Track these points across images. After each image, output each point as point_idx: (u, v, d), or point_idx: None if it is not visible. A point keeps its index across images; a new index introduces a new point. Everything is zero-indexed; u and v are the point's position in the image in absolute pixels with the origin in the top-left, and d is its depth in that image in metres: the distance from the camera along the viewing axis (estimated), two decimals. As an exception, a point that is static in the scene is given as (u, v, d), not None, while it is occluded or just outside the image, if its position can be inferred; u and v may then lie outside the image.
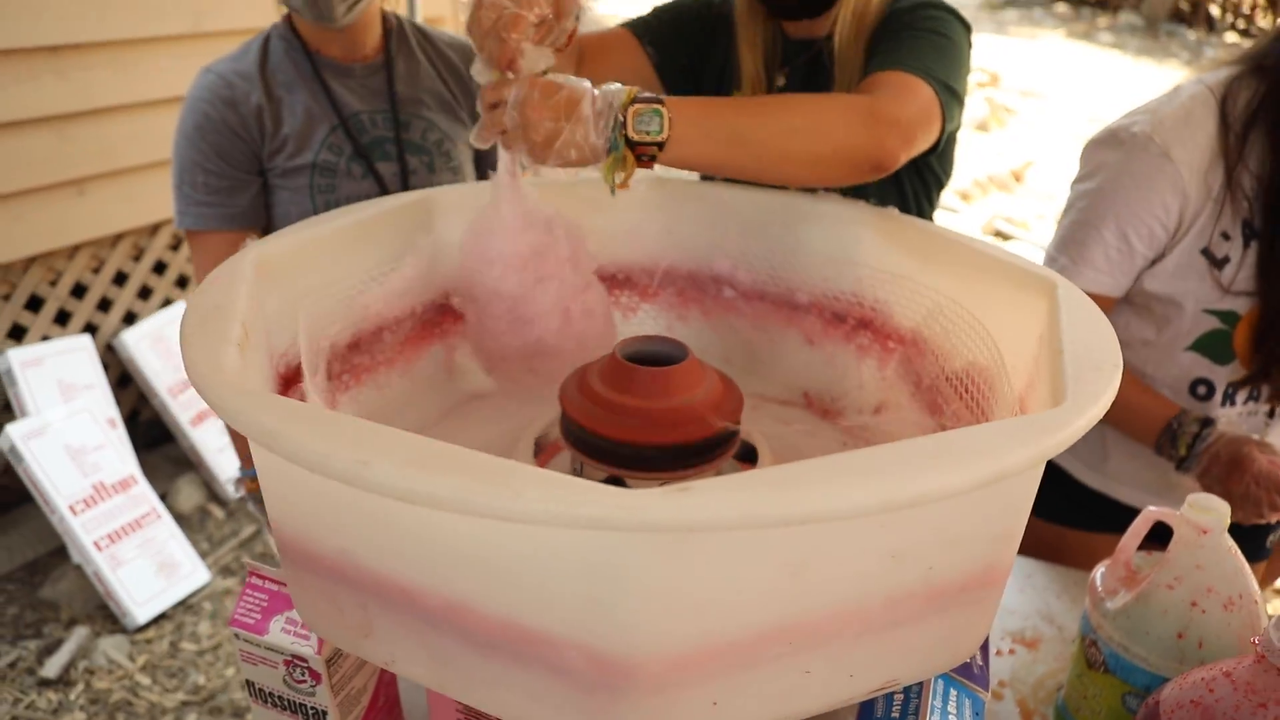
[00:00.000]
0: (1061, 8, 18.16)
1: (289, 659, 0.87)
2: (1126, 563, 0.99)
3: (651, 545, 0.47)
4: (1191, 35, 14.36)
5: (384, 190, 1.42)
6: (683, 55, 1.32)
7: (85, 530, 2.53)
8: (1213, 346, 1.25)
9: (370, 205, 0.98)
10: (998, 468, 0.48)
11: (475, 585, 0.53)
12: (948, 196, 5.77)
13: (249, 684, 0.92)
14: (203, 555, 2.77)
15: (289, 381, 0.88)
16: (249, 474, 1.47)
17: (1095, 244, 1.23)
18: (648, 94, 0.86)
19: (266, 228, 1.41)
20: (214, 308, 0.69)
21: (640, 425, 0.77)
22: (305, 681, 0.89)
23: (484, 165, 1.57)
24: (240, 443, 1.47)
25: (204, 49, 3.07)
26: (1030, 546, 1.36)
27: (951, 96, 1.09)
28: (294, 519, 0.61)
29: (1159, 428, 1.24)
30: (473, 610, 0.54)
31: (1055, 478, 1.43)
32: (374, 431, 0.49)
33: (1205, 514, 0.91)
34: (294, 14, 1.40)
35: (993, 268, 0.90)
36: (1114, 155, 1.22)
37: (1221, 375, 1.26)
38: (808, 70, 1.29)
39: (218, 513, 3.02)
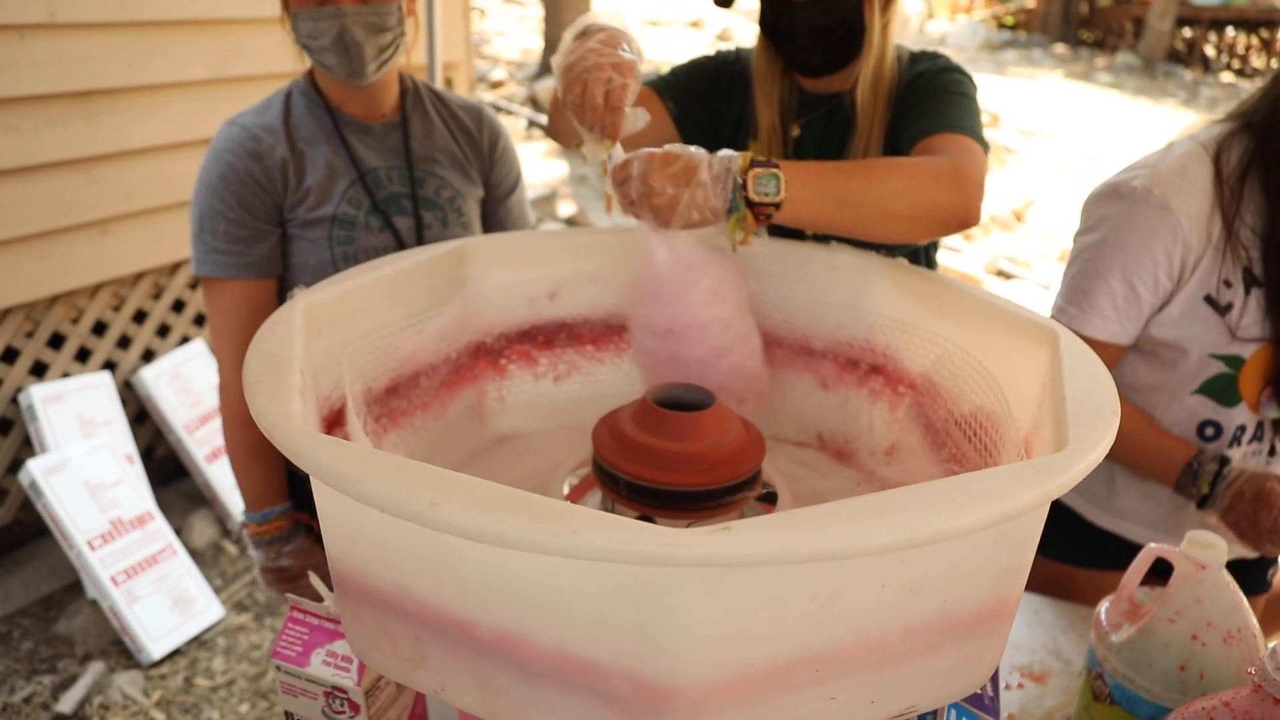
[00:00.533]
0: (1060, 49, 18.41)
1: (329, 690, 0.92)
2: (1130, 598, 1.04)
3: (693, 579, 0.52)
4: (1188, 75, 14.57)
5: (400, 243, 1.47)
6: (700, 110, 1.39)
7: (102, 565, 2.57)
8: (1219, 390, 1.30)
9: (408, 255, 1.04)
10: (1007, 508, 0.53)
11: (528, 617, 0.57)
12: (952, 237, 5.85)
13: (287, 715, 0.96)
14: (216, 591, 2.80)
15: (332, 424, 0.93)
16: (252, 518, 1.51)
17: (1103, 293, 1.29)
18: (763, 159, 0.95)
19: (282, 277, 1.46)
20: (273, 356, 0.74)
21: (670, 467, 0.82)
22: (344, 712, 0.93)
23: (490, 221, 1.63)
24: (246, 485, 1.51)
25: (227, 93, 3.17)
26: (1039, 584, 1.41)
27: (987, 151, 1.19)
28: (354, 557, 0.66)
29: (1179, 468, 1.28)
30: (525, 640, 0.58)
31: (1063, 517, 1.47)
32: (441, 475, 0.54)
33: (1204, 550, 0.95)
34: (320, 72, 1.46)
35: (998, 317, 0.95)
36: (1116, 208, 1.28)
37: (1229, 417, 1.31)
38: (825, 122, 1.37)
39: (231, 549, 3.05)
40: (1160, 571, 1.02)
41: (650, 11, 15.18)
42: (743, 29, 14.73)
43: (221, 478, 3.09)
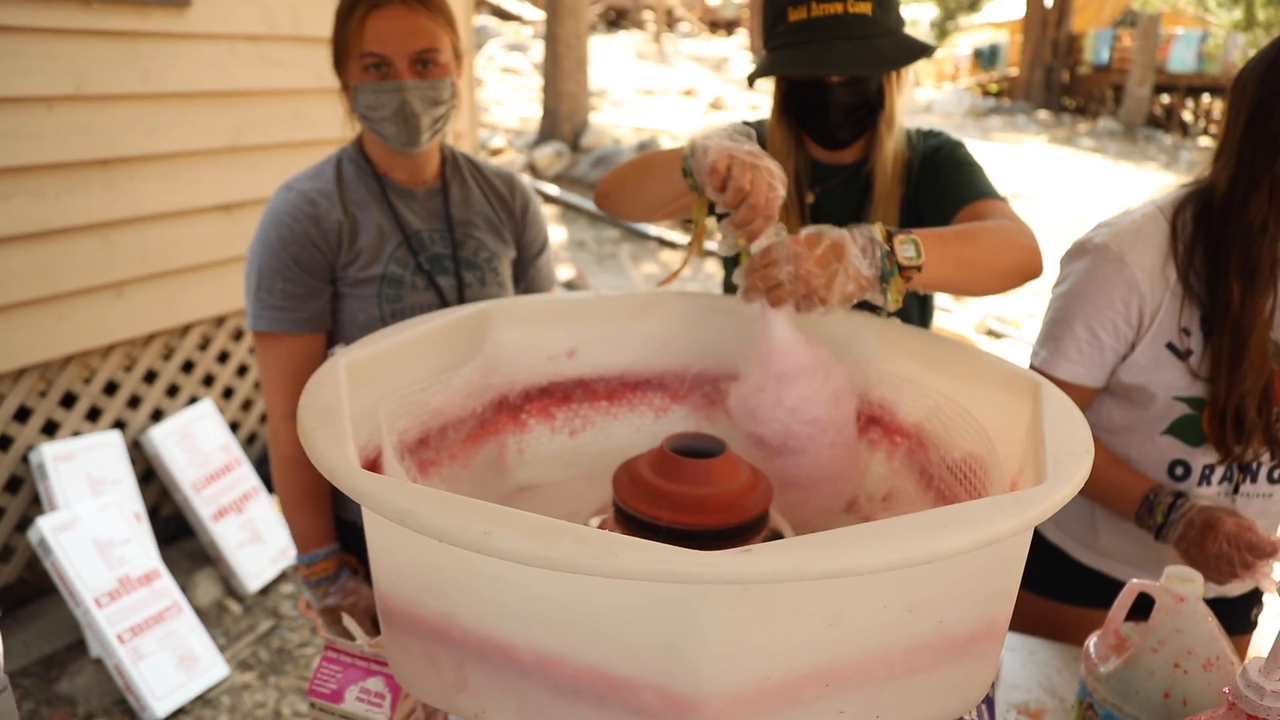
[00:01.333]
0: (1044, 115, 18.89)
1: (363, 724, 0.97)
2: (1116, 631, 1.10)
3: (718, 597, 0.58)
4: (1167, 139, 14.97)
5: (443, 301, 1.56)
6: None
7: (109, 623, 2.59)
8: (1185, 430, 1.38)
9: (437, 316, 1.12)
10: (993, 533, 0.60)
11: (567, 638, 0.64)
12: (941, 297, 5.98)
13: (323, 749, 1.01)
14: (221, 649, 2.82)
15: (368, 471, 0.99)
16: (302, 560, 1.57)
17: (1069, 339, 1.39)
18: (897, 229, 1.06)
19: (331, 332, 1.54)
20: (325, 407, 0.82)
21: (685, 509, 0.89)
22: (377, 745, 0.98)
23: (521, 280, 1.74)
24: (297, 528, 1.56)
25: (240, 161, 3.29)
26: (1035, 624, 1.47)
27: None
28: (403, 589, 0.72)
29: (1138, 500, 1.36)
30: (563, 660, 0.64)
31: (1054, 558, 1.54)
32: (492, 508, 0.61)
33: (1182, 584, 1.02)
34: (369, 140, 1.57)
35: (985, 370, 1.04)
36: (1080, 262, 1.40)
37: (1196, 456, 1.39)
38: (841, 191, 1.48)
39: (235, 608, 3.07)
40: (1143, 608, 1.08)
41: (645, 81, 15.57)
42: (733, 98, 15.10)
43: (227, 536, 3.13)
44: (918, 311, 1.55)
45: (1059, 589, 1.52)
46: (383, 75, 1.46)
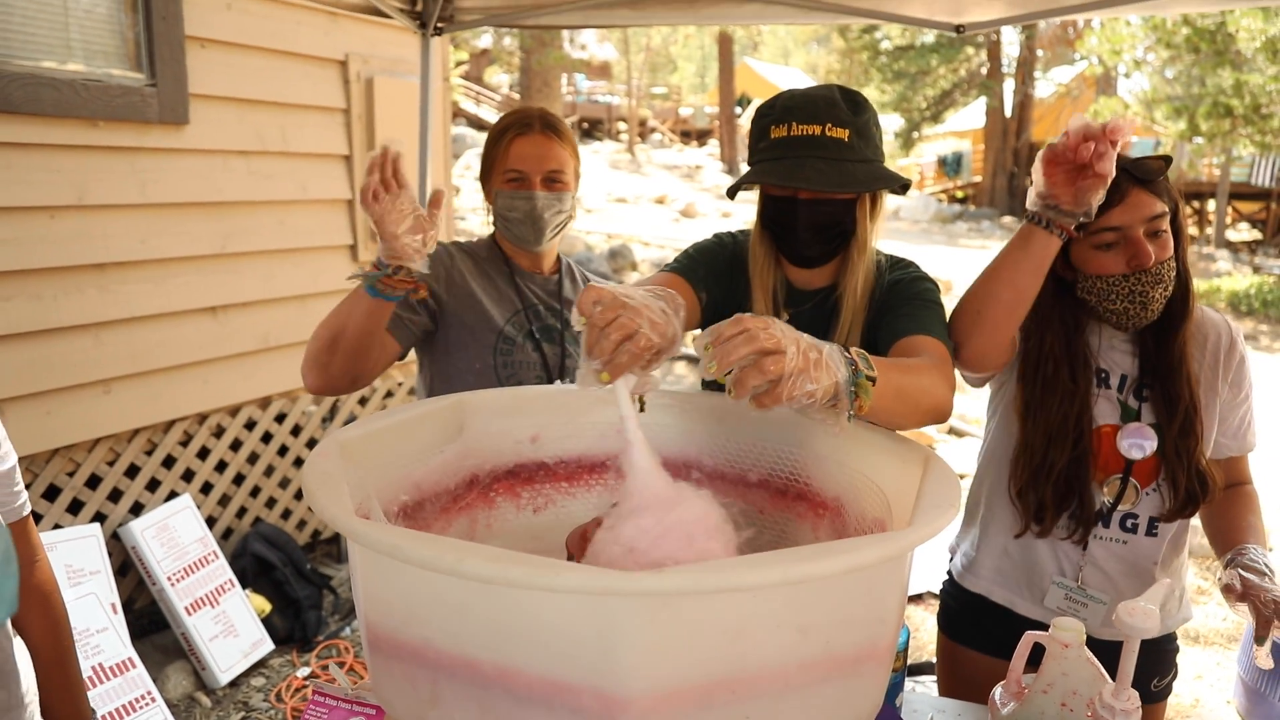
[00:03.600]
0: (1008, 219, 19.64)
1: (345, 759, 1.10)
2: (1018, 679, 1.26)
3: (638, 610, 0.74)
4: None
5: (545, 364, 1.86)
6: (720, 291, 1.58)
7: None
8: None
9: (419, 406, 1.29)
10: (857, 561, 0.77)
11: (522, 652, 0.79)
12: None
13: (308, 786, 1.13)
14: (191, 740, 2.85)
15: (355, 536, 1.14)
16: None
17: None
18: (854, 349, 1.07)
19: (445, 370, 1.83)
20: (325, 473, 0.98)
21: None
22: (357, 780, 1.10)
23: None
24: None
25: (227, 266, 3.48)
26: (987, 683, 1.60)
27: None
28: (389, 619, 0.87)
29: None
30: (520, 672, 0.79)
31: (1000, 616, 1.69)
32: (463, 544, 0.77)
33: (1066, 632, 1.19)
34: (501, 235, 1.91)
35: (887, 447, 1.21)
36: None
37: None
38: (811, 314, 1.57)
39: (205, 700, 3.11)
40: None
41: (618, 189, 16.11)
42: (704, 204, 15.65)
43: (200, 628, 3.19)
44: None
45: (1006, 646, 1.65)
46: (519, 186, 1.81)
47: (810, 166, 1.41)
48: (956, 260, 13.03)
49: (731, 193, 1.56)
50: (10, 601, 1.03)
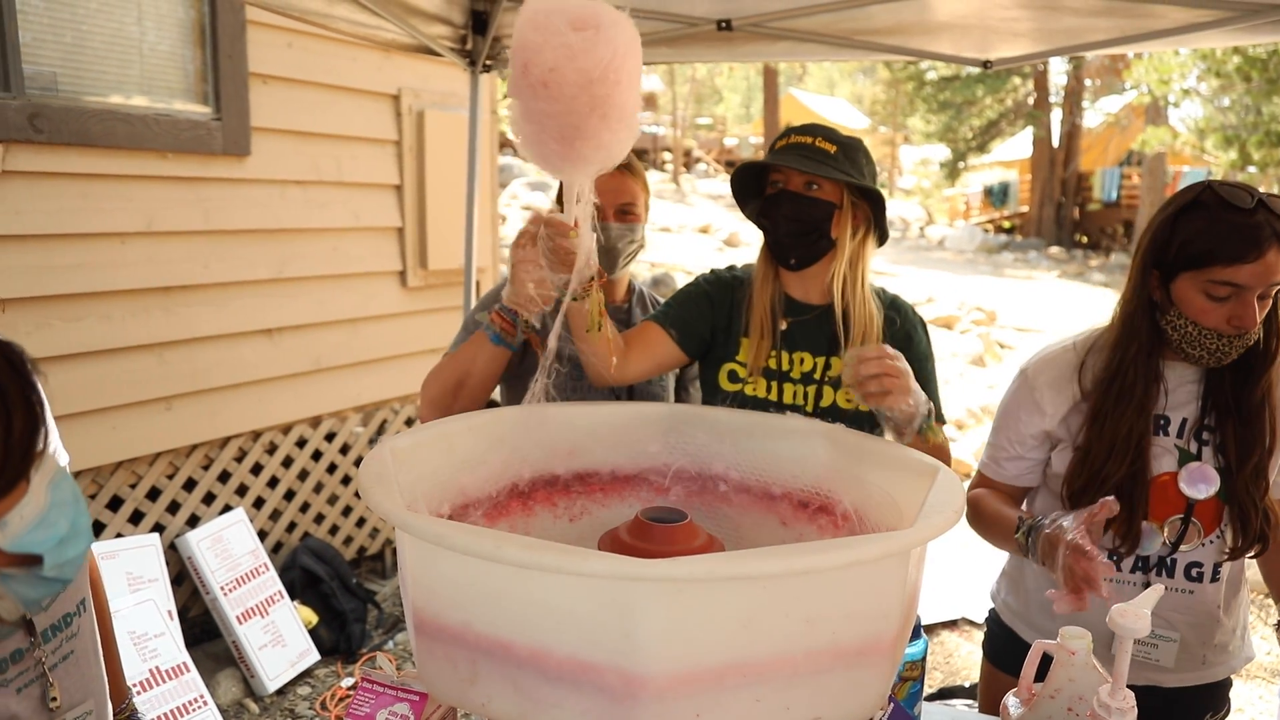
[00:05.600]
0: (1055, 250, 19.43)
1: (391, 741, 1.19)
2: (1028, 686, 1.31)
3: (660, 594, 0.82)
4: (1173, 276, 15.32)
5: (614, 390, 1.90)
6: (701, 326, 1.78)
7: (141, 711, 2.76)
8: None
9: (466, 419, 1.39)
10: (857, 555, 0.84)
11: (553, 634, 0.87)
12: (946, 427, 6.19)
13: (356, 767, 1.22)
14: (241, 745, 2.96)
15: (403, 535, 1.24)
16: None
17: (997, 446, 1.70)
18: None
19: (518, 392, 1.87)
20: (379, 475, 1.08)
21: (652, 561, 1.12)
22: (401, 761, 1.19)
23: (681, 391, 2.11)
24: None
25: (284, 290, 3.65)
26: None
27: (942, 422, 1.66)
28: (433, 604, 0.97)
29: (1011, 532, 1.53)
30: (549, 652, 0.88)
31: (1011, 639, 1.76)
32: (501, 534, 0.86)
33: (1073, 640, 1.24)
34: None
35: (900, 461, 1.29)
36: (1011, 382, 1.72)
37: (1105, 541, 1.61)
38: (812, 325, 1.74)
39: (253, 707, 3.22)
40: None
41: (662, 218, 16.27)
42: (747, 233, 15.73)
43: (250, 637, 3.31)
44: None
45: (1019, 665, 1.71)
46: (595, 218, 1.89)
47: (793, 157, 1.64)
48: (1002, 290, 12.94)
49: (733, 185, 1.75)
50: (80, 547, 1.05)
